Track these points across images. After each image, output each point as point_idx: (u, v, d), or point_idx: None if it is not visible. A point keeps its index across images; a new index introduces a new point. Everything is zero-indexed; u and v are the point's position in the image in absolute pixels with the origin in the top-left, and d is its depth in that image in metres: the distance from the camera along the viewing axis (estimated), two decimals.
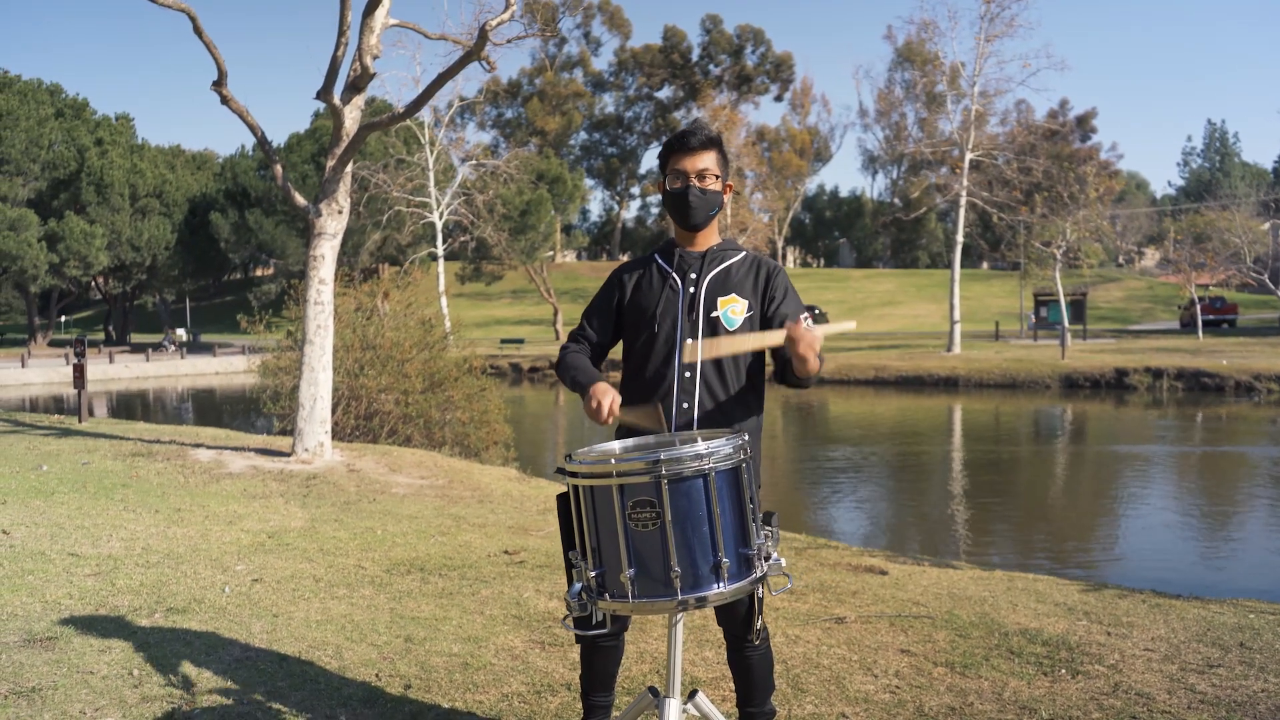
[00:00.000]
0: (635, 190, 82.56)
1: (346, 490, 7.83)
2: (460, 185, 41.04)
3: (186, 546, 5.59)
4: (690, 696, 2.42)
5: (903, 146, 48.17)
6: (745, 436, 2.17)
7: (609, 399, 2.40)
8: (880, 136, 62.75)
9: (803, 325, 2.28)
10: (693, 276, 2.63)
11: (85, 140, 48.58)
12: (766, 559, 2.13)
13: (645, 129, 79.11)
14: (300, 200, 9.27)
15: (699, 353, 2.52)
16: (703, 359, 2.52)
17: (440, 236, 40.44)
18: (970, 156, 35.22)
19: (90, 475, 7.87)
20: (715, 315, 2.58)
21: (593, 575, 2.09)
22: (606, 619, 2.18)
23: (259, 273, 67.77)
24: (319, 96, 8.99)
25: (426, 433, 12.18)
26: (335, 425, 10.86)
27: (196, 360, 40.63)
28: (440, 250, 40.68)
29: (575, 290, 67.89)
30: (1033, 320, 42.58)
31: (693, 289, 2.61)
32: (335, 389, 10.47)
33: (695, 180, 2.59)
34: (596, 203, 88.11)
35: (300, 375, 9.16)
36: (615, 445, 2.43)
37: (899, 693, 3.47)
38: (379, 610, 4.43)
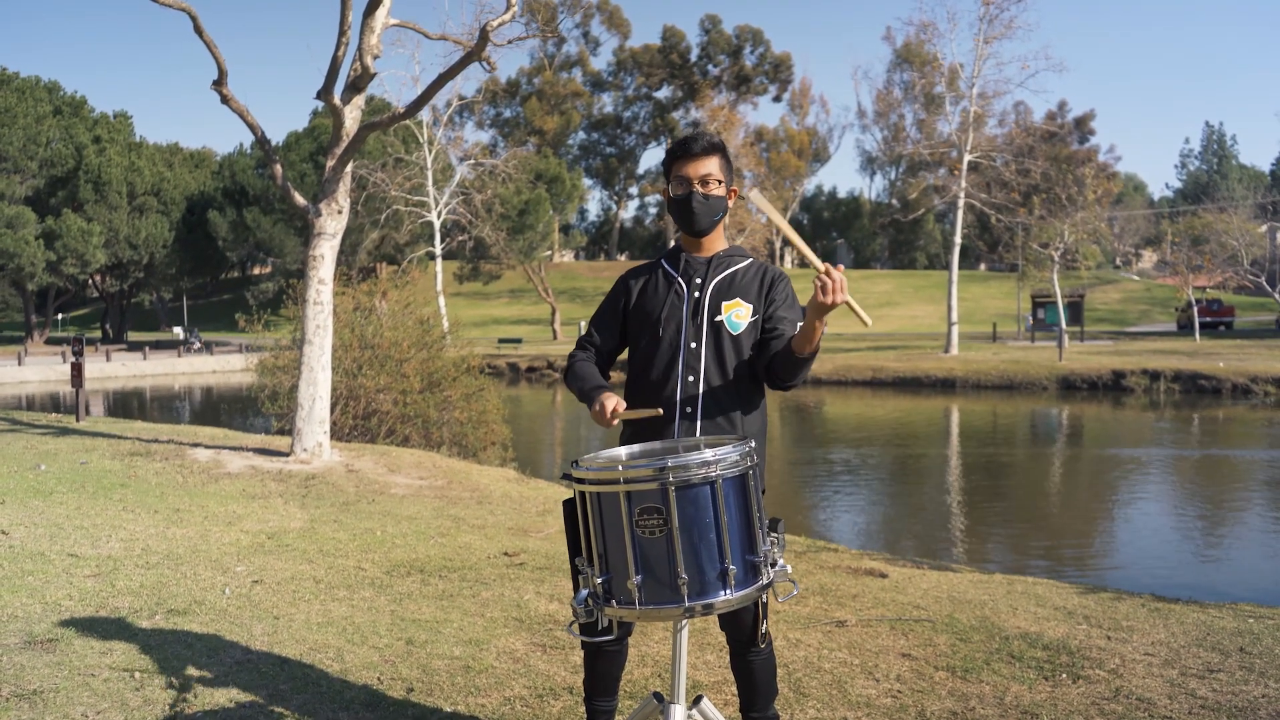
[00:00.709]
0: (633, 190, 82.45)
1: (345, 491, 7.82)
2: (458, 184, 41.07)
3: (186, 547, 5.58)
4: (695, 703, 2.42)
5: (901, 147, 48.12)
6: (752, 443, 2.16)
7: (612, 401, 2.44)
8: (879, 137, 62.68)
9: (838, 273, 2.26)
10: (698, 281, 2.64)
11: (83, 138, 48.53)
12: (773, 565, 2.13)
13: (644, 129, 78.98)
14: (300, 200, 9.25)
15: (761, 201, 2.48)
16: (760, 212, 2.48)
17: (438, 236, 40.46)
18: (969, 158, 35.26)
19: (89, 475, 7.85)
20: (719, 319, 2.59)
21: (599, 582, 2.09)
22: (613, 625, 2.18)
23: (256, 271, 67.79)
24: (319, 96, 8.98)
25: (424, 433, 12.16)
26: (333, 425, 10.85)
27: (194, 359, 40.60)
28: (438, 249, 40.70)
29: (573, 290, 67.94)
30: (1030, 322, 42.61)
31: (698, 294, 2.62)
32: (333, 388, 10.46)
33: (698, 186, 2.59)
34: (595, 202, 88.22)
35: (299, 375, 9.15)
36: (621, 451, 2.44)
37: (901, 697, 3.47)
38: (380, 612, 4.42)
